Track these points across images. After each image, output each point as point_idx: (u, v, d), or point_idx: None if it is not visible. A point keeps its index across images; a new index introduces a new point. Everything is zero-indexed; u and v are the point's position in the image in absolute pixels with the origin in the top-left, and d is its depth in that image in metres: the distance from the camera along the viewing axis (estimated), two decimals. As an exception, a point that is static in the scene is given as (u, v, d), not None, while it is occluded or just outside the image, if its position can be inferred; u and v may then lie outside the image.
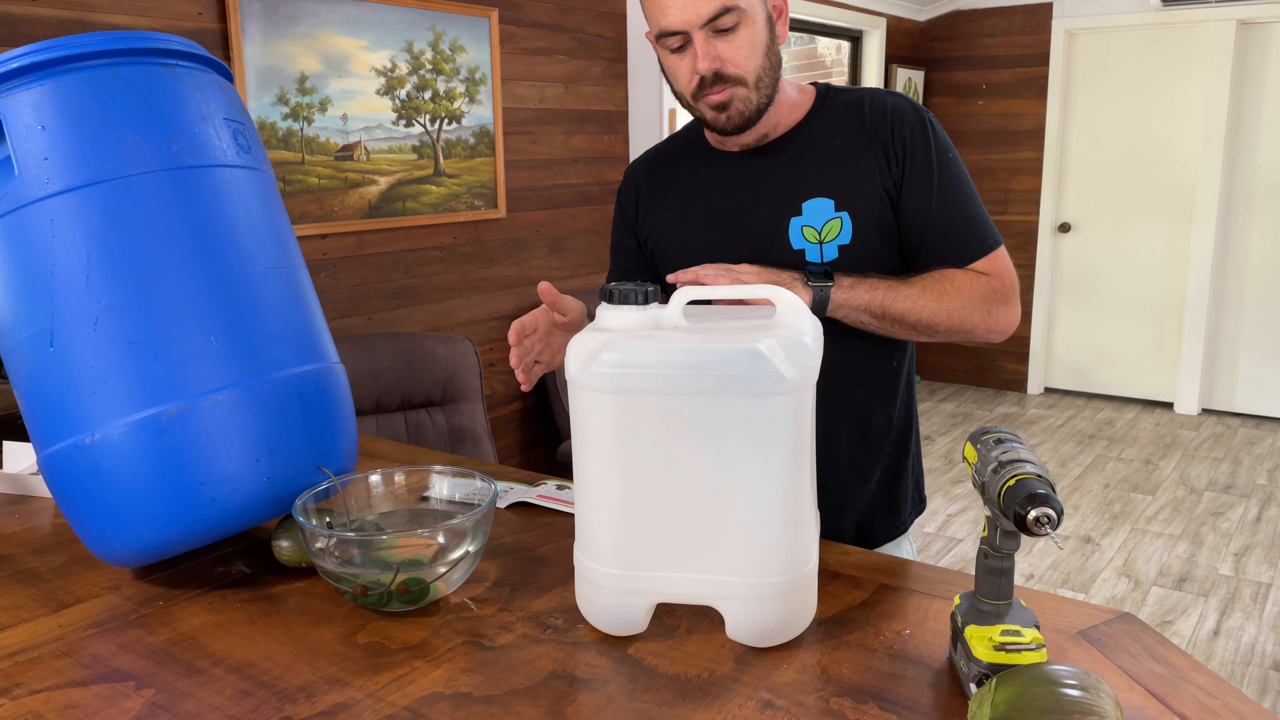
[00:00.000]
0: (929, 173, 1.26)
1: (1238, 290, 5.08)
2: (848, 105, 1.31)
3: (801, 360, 0.88)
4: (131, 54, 1.05)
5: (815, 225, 1.27)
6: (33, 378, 1.03)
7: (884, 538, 1.40)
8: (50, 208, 0.99)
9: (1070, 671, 0.74)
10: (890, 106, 1.28)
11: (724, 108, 1.22)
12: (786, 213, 1.28)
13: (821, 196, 1.27)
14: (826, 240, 1.27)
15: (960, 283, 1.25)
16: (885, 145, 1.27)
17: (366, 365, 2.76)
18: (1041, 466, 0.82)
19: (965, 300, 1.24)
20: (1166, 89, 5.05)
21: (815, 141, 1.29)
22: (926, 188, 1.26)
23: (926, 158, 1.26)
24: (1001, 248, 1.29)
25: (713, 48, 1.18)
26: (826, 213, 1.27)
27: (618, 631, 0.96)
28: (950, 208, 1.27)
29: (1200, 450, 4.63)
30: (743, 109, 1.23)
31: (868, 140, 1.27)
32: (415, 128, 3.00)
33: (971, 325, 1.25)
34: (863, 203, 1.26)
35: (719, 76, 1.20)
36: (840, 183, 1.27)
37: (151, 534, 1.03)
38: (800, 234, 1.27)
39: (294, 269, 1.13)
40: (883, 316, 1.22)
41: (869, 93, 1.32)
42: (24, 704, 0.87)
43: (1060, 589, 3.24)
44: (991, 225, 1.30)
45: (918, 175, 1.26)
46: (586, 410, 0.92)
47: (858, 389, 1.33)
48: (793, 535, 0.91)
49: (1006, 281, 1.28)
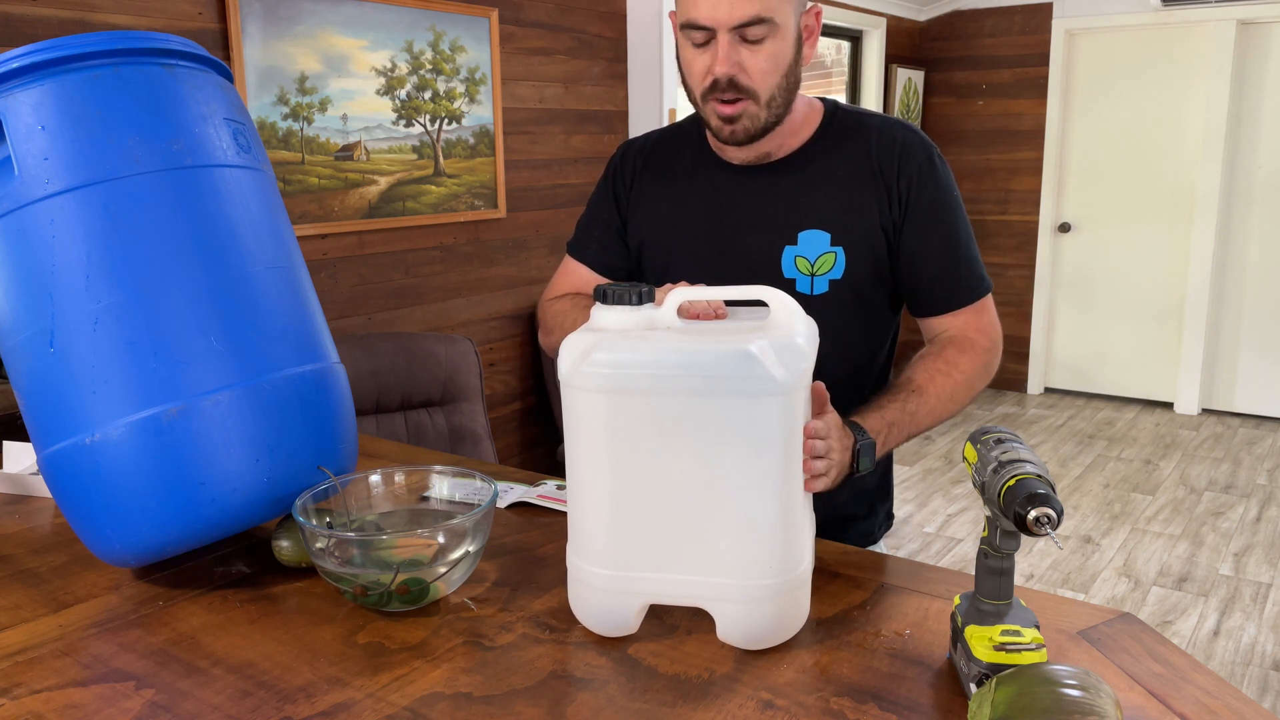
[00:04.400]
0: (931, 213, 1.25)
1: (1238, 290, 5.08)
2: (855, 133, 1.28)
3: (793, 361, 0.88)
4: (132, 54, 1.05)
5: (809, 257, 1.26)
6: (33, 378, 1.03)
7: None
8: (50, 208, 0.99)
9: (1070, 671, 0.74)
10: (900, 143, 1.26)
11: (731, 120, 1.20)
12: (781, 240, 1.26)
13: (818, 228, 1.25)
14: (819, 273, 1.26)
15: (961, 365, 1.24)
16: (889, 182, 1.25)
17: (366, 365, 2.76)
18: (1041, 466, 0.82)
19: (968, 379, 1.24)
20: (1166, 89, 5.05)
21: (818, 169, 1.27)
22: (926, 227, 1.25)
23: (930, 198, 1.25)
24: (990, 295, 1.29)
25: (735, 53, 1.16)
26: (822, 245, 1.25)
27: (609, 632, 0.96)
28: (948, 250, 1.26)
29: (1200, 450, 4.63)
30: (749, 125, 1.21)
31: (871, 175, 1.26)
32: (415, 128, 2.99)
33: (977, 395, 1.27)
34: (859, 240, 1.25)
35: (733, 84, 1.17)
36: (838, 216, 1.25)
37: (151, 534, 1.03)
38: (793, 264, 1.26)
39: (294, 269, 1.13)
40: (915, 435, 1.21)
41: (879, 124, 1.28)
42: (24, 704, 0.87)
43: (1060, 589, 3.24)
44: (984, 270, 1.29)
45: (919, 214, 1.25)
46: (578, 411, 0.92)
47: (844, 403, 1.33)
48: (785, 537, 0.91)
49: (994, 336, 1.28)
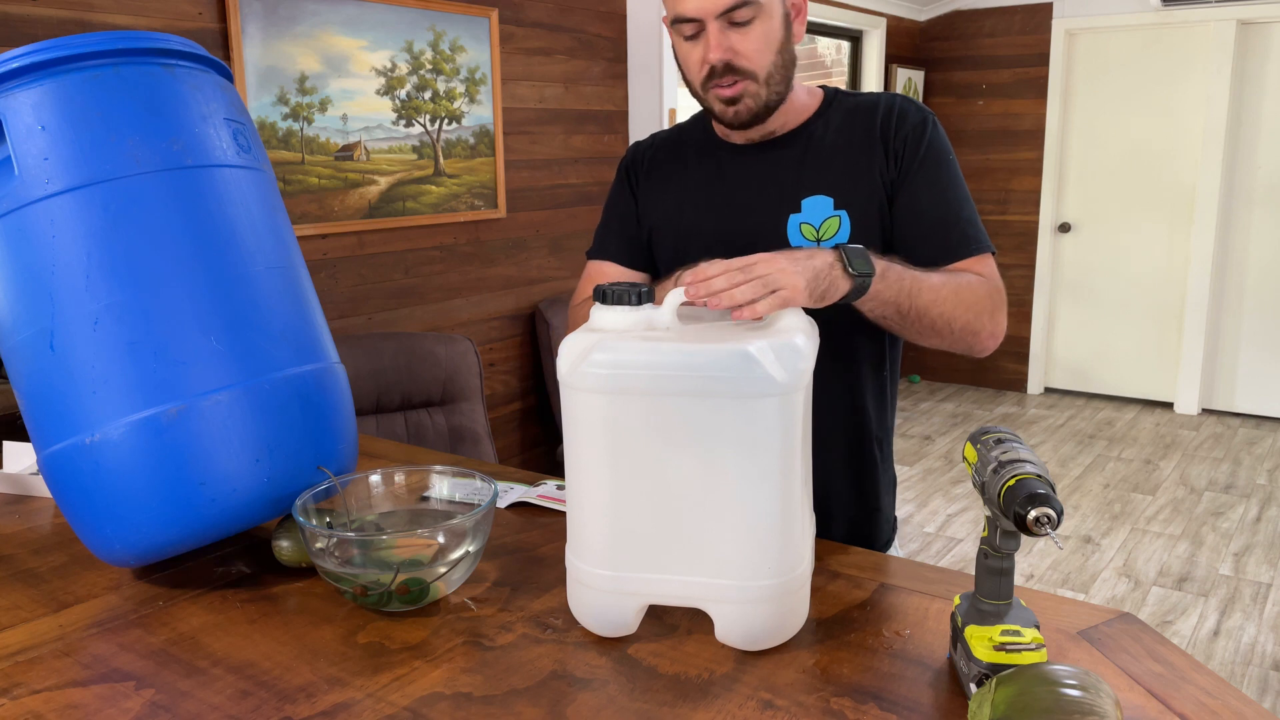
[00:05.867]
0: (926, 168, 1.26)
1: (1238, 290, 5.08)
2: (854, 107, 1.31)
3: (793, 362, 0.88)
4: (132, 54, 1.05)
5: (814, 223, 1.27)
6: (33, 378, 1.03)
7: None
8: (50, 208, 0.99)
9: (1070, 671, 0.74)
10: (897, 107, 1.29)
11: (733, 102, 1.22)
12: (786, 209, 1.28)
13: (821, 194, 1.27)
14: (824, 238, 1.26)
15: (971, 281, 1.21)
16: (886, 142, 1.27)
17: (366, 365, 2.76)
18: (1041, 466, 0.82)
19: (975, 297, 1.20)
20: (1166, 89, 5.05)
21: (818, 140, 1.29)
22: (921, 181, 1.26)
23: (925, 154, 1.26)
24: (992, 256, 1.27)
25: (725, 39, 1.18)
26: (825, 210, 1.26)
27: (608, 632, 0.96)
28: (943, 205, 1.26)
29: (1200, 450, 4.62)
30: (752, 104, 1.23)
31: (870, 139, 1.27)
32: (415, 128, 2.99)
33: (979, 326, 1.20)
34: (861, 201, 1.26)
35: (729, 68, 1.20)
36: (840, 181, 1.27)
37: (151, 534, 1.03)
38: (799, 231, 1.27)
39: (294, 269, 1.13)
40: (908, 310, 1.14)
41: (879, 96, 1.31)
42: (24, 704, 0.87)
43: (1060, 589, 3.24)
44: (984, 231, 1.28)
45: (914, 169, 1.26)
46: (577, 411, 0.92)
47: (852, 400, 1.33)
48: (783, 538, 0.91)
49: (999, 285, 1.26)
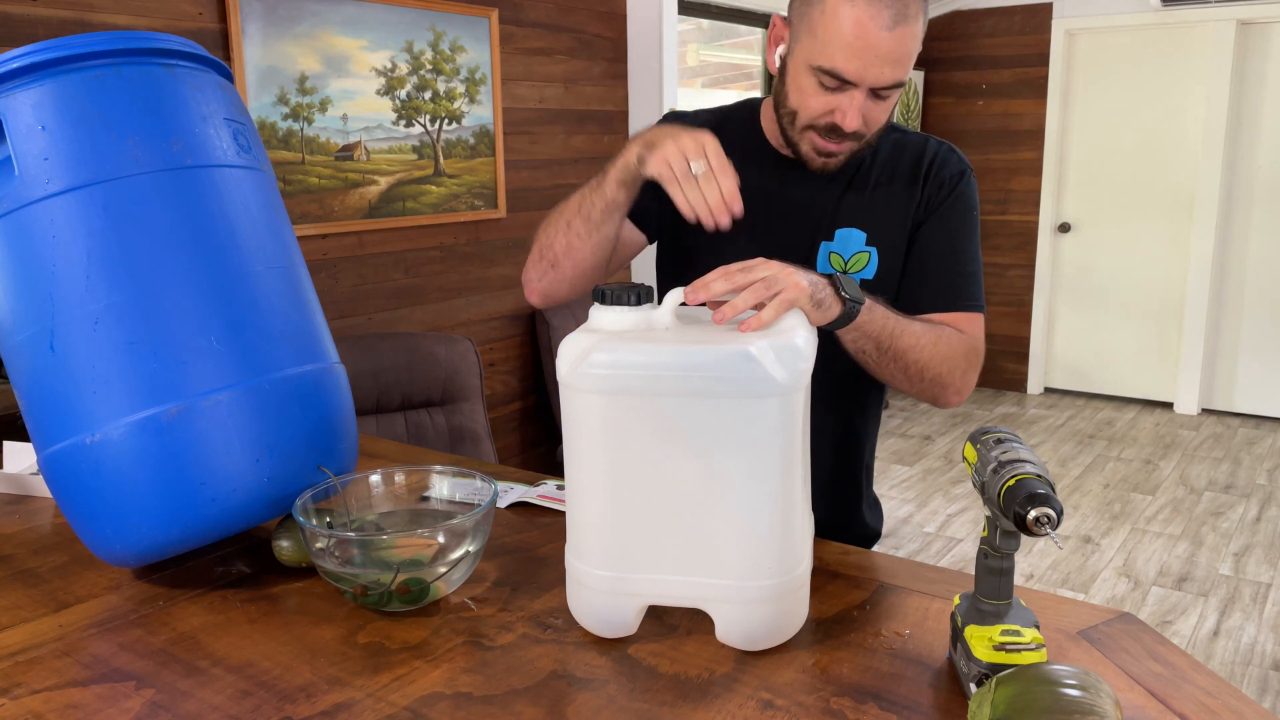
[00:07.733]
0: (948, 216, 1.27)
1: (1238, 290, 5.07)
2: (903, 144, 1.30)
3: (793, 362, 0.88)
4: (132, 54, 1.05)
5: (843, 254, 1.28)
6: (33, 377, 1.03)
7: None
8: (50, 208, 0.99)
9: (1070, 671, 0.74)
10: (940, 155, 1.30)
11: (832, 156, 1.22)
12: (819, 236, 1.28)
13: (855, 227, 1.28)
14: (851, 270, 1.28)
15: (952, 337, 1.23)
16: (923, 186, 1.28)
17: (366, 365, 2.76)
18: (1041, 466, 0.82)
19: (953, 353, 1.21)
20: (1166, 89, 5.05)
21: (865, 171, 1.29)
22: (939, 226, 1.27)
23: (953, 203, 1.28)
24: (983, 316, 1.29)
25: (868, 109, 1.17)
26: (857, 244, 1.28)
27: (608, 633, 0.96)
28: (952, 254, 1.27)
29: (1200, 450, 4.62)
30: (844, 159, 1.23)
31: (909, 182, 1.28)
32: (415, 128, 2.99)
33: (949, 381, 1.21)
34: (892, 241, 1.28)
35: (855, 134, 1.19)
36: (876, 218, 1.28)
37: (152, 534, 1.03)
38: (827, 260, 1.28)
39: (294, 269, 1.13)
40: (887, 349, 1.15)
41: (927, 139, 1.31)
42: (24, 704, 0.87)
43: (1060, 589, 3.24)
44: (982, 292, 1.29)
45: (937, 214, 1.27)
46: (577, 412, 0.92)
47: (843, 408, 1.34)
48: (783, 538, 0.91)
49: (979, 349, 1.27)
